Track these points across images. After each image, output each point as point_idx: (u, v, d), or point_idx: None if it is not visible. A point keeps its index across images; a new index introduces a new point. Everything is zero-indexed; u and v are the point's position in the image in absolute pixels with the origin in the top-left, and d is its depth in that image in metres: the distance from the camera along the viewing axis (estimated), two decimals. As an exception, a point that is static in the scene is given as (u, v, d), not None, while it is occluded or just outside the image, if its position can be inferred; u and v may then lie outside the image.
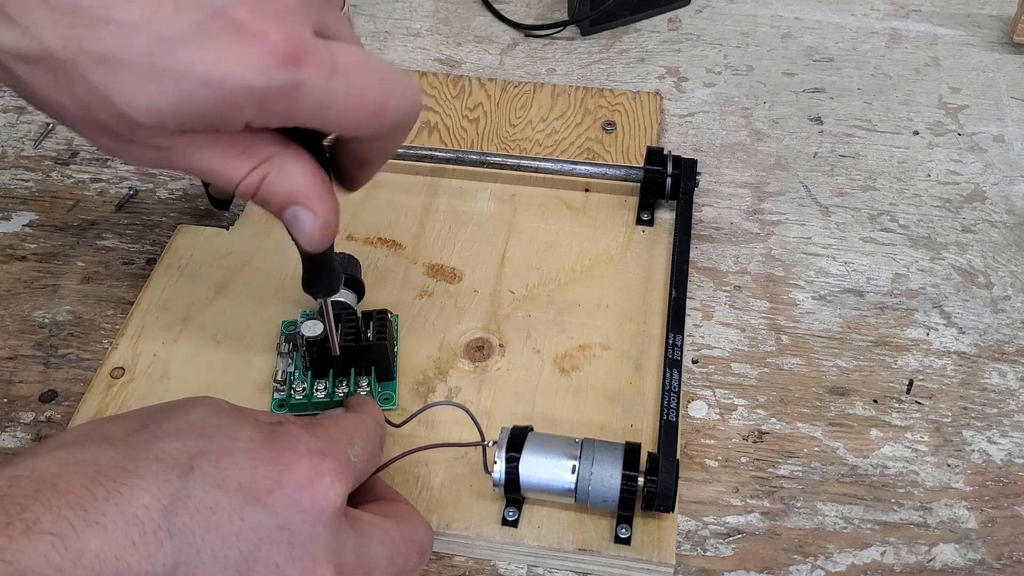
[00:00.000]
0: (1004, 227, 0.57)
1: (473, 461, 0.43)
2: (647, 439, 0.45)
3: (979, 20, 0.72)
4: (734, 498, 0.44)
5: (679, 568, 0.42)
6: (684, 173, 0.54)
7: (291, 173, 0.33)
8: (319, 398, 0.44)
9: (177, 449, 0.32)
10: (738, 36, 0.71)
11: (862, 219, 0.57)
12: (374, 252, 0.54)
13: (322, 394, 0.44)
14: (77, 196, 0.59)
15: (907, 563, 0.42)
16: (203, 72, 0.28)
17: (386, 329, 0.45)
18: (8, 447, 0.46)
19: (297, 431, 0.35)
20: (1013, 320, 0.52)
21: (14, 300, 0.53)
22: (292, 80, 0.30)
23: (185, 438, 0.32)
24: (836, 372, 0.49)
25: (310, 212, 0.34)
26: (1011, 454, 0.46)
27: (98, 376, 0.48)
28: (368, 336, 0.45)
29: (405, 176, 0.58)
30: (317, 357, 0.44)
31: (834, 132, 0.63)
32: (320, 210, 0.34)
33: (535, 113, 0.63)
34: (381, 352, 0.45)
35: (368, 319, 0.45)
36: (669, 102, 0.65)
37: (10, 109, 0.65)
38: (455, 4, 0.75)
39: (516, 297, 0.52)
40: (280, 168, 0.33)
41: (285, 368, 0.46)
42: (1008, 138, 0.63)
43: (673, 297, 0.49)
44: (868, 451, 0.46)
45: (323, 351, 0.44)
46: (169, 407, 0.35)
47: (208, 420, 0.34)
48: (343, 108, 0.32)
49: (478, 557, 0.43)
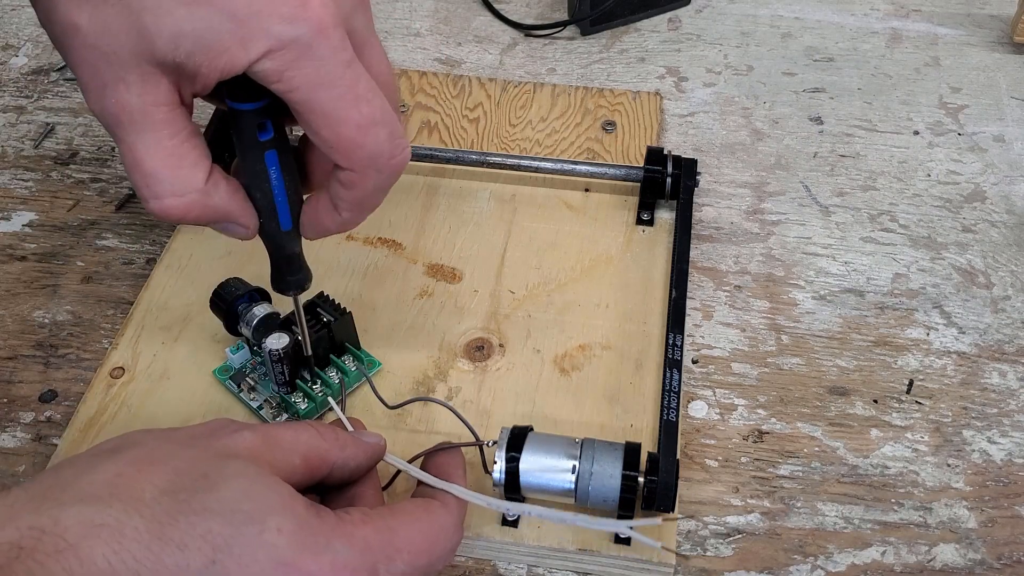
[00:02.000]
0: (1004, 227, 0.57)
1: (473, 461, 0.43)
2: (647, 439, 0.45)
3: (979, 20, 0.72)
4: (734, 498, 0.44)
5: (679, 568, 0.42)
6: (684, 173, 0.54)
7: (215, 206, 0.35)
8: (304, 408, 0.45)
9: (203, 536, 0.31)
10: (738, 36, 0.71)
11: (862, 219, 0.57)
12: (374, 252, 0.54)
13: (304, 404, 0.45)
14: (77, 196, 0.59)
15: (907, 563, 0.42)
16: (234, 8, 0.31)
17: (336, 303, 0.46)
18: (8, 447, 0.46)
19: (332, 529, 0.33)
20: (1013, 320, 0.52)
21: (14, 300, 0.53)
22: (311, 47, 0.32)
23: (213, 521, 0.31)
24: (836, 372, 0.49)
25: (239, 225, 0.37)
26: (1011, 454, 0.46)
27: (98, 376, 0.48)
28: (329, 318, 0.45)
29: (405, 176, 0.58)
30: (292, 365, 0.44)
31: (834, 132, 0.63)
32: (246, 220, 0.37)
33: (535, 113, 0.63)
34: (348, 324, 0.46)
35: (314, 306, 0.46)
36: (669, 102, 0.65)
37: (10, 109, 0.65)
38: (455, 4, 0.75)
39: (516, 297, 0.52)
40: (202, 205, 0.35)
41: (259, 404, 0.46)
42: (1008, 138, 0.63)
43: (673, 297, 0.49)
44: (868, 451, 0.46)
45: (296, 357, 0.44)
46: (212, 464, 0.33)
47: (241, 502, 0.32)
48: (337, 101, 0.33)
49: (478, 557, 0.43)
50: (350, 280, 0.52)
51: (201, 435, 0.35)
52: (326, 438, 0.37)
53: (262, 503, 0.32)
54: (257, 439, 0.35)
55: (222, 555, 0.31)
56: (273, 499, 0.33)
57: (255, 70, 0.32)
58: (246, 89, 0.34)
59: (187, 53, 0.31)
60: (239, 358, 0.47)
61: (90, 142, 0.62)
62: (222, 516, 0.31)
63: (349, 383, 0.46)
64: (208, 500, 0.32)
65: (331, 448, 0.37)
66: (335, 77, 0.33)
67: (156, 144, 0.33)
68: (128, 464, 0.33)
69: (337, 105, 0.33)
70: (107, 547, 0.29)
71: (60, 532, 0.29)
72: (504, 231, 0.55)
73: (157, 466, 0.33)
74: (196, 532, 0.31)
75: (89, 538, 0.29)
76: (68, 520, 0.30)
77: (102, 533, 0.30)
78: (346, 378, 0.45)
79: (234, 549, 0.31)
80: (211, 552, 0.30)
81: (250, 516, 0.32)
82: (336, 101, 0.33)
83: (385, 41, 0.71)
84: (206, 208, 0.35)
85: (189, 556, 0.30)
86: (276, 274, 0.40)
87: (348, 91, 0.33)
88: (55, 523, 0.29)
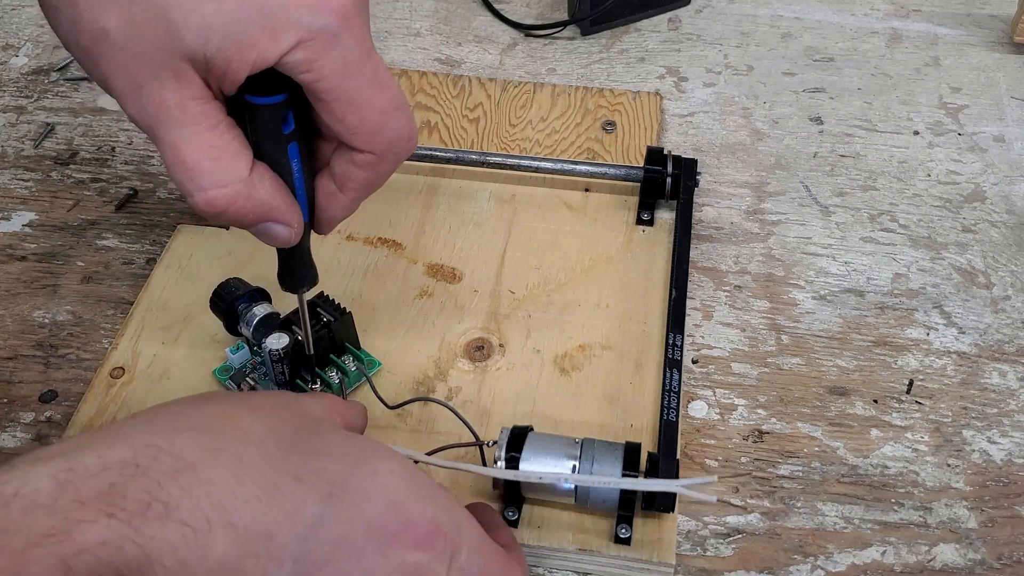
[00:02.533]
0: (1004, 227, 0.57)
1: (473, 461, 0.43)
2: (647, 439, 0.45)
3: (979, 20, 0.72)
4: (734, 498, 0.44)
5: (679, 568, 0.42)
6: (684, 173, 0.54)
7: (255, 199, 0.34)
8: None
9: (317, 472, 0.31)
10: (738, 36, 0.71)
11: (862, 219, 0.57)
12: (374, 252, 0.54)
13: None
14: (77, 196, 0.59)
15: (907, 563, 0.42)
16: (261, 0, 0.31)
17: (337, 304, 0.46)
18: (8, 447, 0.46)
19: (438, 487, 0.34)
20: (1013, 320, 0.52)
21: (14, 300, 0.53)
22: (337, 34, 0.32)
23: (326, 460, 0.31)
24: (836, 372, 0.49)
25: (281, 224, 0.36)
26: (1011, 454, 0.46)
27: (98, 376, 0.48)
28: (329, 318, 0.46)
29: (405, 176, 0.58)
30: (292, 365, 0.44)
31: (834, 132, 0.63)
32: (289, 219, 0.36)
33: (535, 113, 0.63)
34: (349, 323, 0.46)
35: (315, 306, 0.46)
36: (669, 102, 0.65)
37: (10, 109, 0.65)
38: (455, 4, 0.75)
39: (516, 297, 0.52)
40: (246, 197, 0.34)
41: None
42: (1008, 138, 0.63)
43: (673, 297, 0.49)
44: (868, 451, 0.46)
45: (296, 356, 0.44)
46: (305, 419, 0.34)
47: (350, 447, 0.33)
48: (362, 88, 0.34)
49: (478, 557, 0.43)
50: (350, 280, 0.52)
51: (275, 395, 0.36)
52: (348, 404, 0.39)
53: (370, 449, 0.33)
54: (321, 402, 0.36)
55: (337, 490, 0.30)
56: (380, 447, 0.34)
57: (285, 61, 0.32)
58: (265, 83, 0.34)
59: (217, 48, 0.31)
60: (239, 358, 0.47)
61: (90, 142, 0.62)
62: (333, 457, 0.32)
63: (349, 383, 0.46)
64: (316, 443, 0.32)
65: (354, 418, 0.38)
66: (361, 64, 0.33)
67: (196, 137, 0.33)
68: (232, 406, 0.33)
69: (363, 92, 0.34)
70: (226, 470, 0.29)
71: (177, 451, 0.28)
72: (504, 231, 0.55)
73: (258, 411, 0.33)
74: (311, 467, 0.31)
75: (207, 460, 0.29)
76: (183, 442, 0.29)
77: (220, 457, 0.29)
78: (346, 378, 0.45)
79: (349, 485, 0.31)
80: (327, 487, 0.30)
81: (362, 458, 0.32)
82: (362, 88, 0.34)
83: (385, 41, 0.71)
84: (251, 199, 0.34)
85: (306, 488, 0.30)
86: (287, 271, 0.40)
87: (372, 78, 0.34)
88: (170, 443, 0.29)
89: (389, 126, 0.35)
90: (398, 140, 0.36)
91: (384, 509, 0.31)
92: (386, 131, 0.35)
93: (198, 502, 0.27)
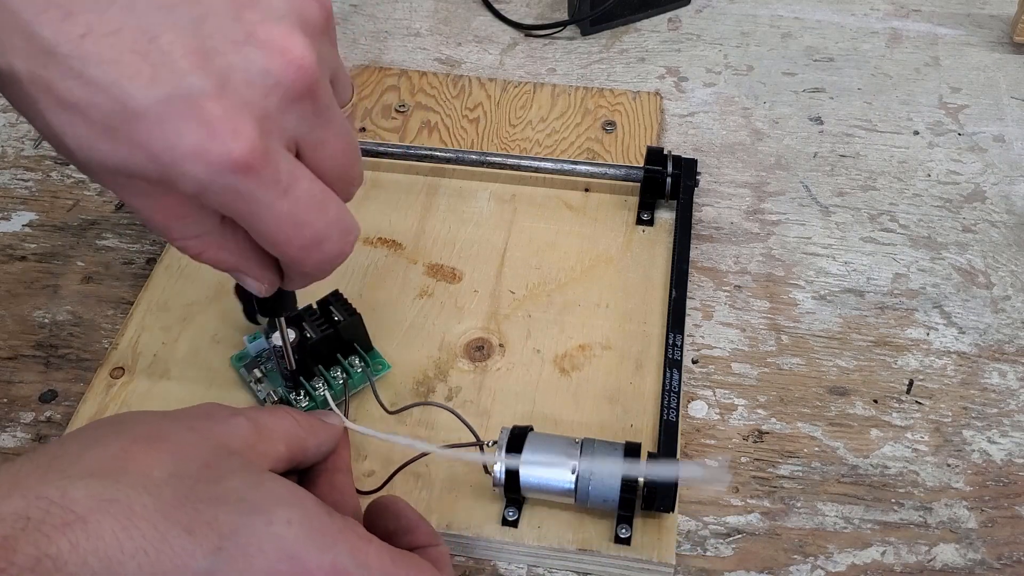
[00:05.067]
0: (1004, 227, 0.57)
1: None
2: (647, 439, 0.45)
3: (979, 20, 0.72)
4: (734, 498, 0.44)
5: (679, 568, 0.42)
6: (684, 173, 0.54)
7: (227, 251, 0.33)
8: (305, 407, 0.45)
9: (209, 523, 0.30)
10: (738, 36, 0.71)
11: (862, 219, 0.57)
12: (374, 252, 0.54)
13: (306, 403, 0.45)
14: (77, 196, 0.59)
15: (907, 563, 0.42)
16: (155, 151, 0.28)
17: (348, 303, 0.46)
18: (8, 447, 0.46)
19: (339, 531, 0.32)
20: (1013, 320, 0.52)
21: (14, 300, 0.53)
22: (237, 187, 0.29)
23: (220, 509, 0.31)
24: (836, 372, 0.49)
25: (251, 278, 0.35)
26: (1011, 454, 0.46)
27: (98, 376, 0.48)
28: (339, 317, 0.45)
29: (405, 176, 0.58)
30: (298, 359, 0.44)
31: (834, 132, 0.63)
32: (259, 276, 0.35)
33: (535, 113, 0.63)
34: (357, 325, 0.46)
35: (327, 304, 0.46)
36: (669, 102, 0.65)
37: (10, 109, 0.65)
38: (455, 4, 0.75)
39: (516, 297, 0.52)
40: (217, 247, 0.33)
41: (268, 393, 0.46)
42: (1008, 138, 0.63)
43: (673, 297, 0.49)
44: (868, 451, 0.46)
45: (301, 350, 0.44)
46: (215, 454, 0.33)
47: (248, 492, 0.32)
48: (277, 230, 0.31)
49: (478, 557, 0.43)
50: (350, 280, 0.52)
51: (198, 417, 0.35)
52: (302, 425, 0.38)
53: (270, 494, 0.32)
54: (250, 427, 0.35)
55: (228, 543, 0.30)
56: (281, 491, 0.33)
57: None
58: None
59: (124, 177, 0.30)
60: (255, 347, 0.47)
61: (90, 142, 0.62)
62: (229, 505, 0.31)
63: (353, 385, 0.46)
64: (215, 489, 0.31)
65: (307, 435, 0.38)
66: (271, 209, 0.31)
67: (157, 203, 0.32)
68: (133, 442, 0.32)
69: (278, 231, 0.32)
70: (116, 522, 0.29)
71: (68, 504, 0.28)
72: (504, 231, 0.55)
73: (162, 446, 0.32)
74: (203, 519, 0.30)
75: (98, 512, 0.29)
76: (76, 492, 0.29)
77: (111, 508, 0.29)
78: (351, 380, 0.45)
79: (240, 538, 0.30)
80: (217, 540, 0.30)
81: (258, 506, 0.31)
82: (276, 229, 0.32)
83: (385, 41, 0.71)
84: (222, 249, 0.33)
85: (196, 541, 0.30)
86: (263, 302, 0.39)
87: (287, 219, 0.31)
88: (63, 494, 0.29)
89: (313, 257, 0.33)
90: (327, 261, 0.34)
91: (278, 561, 0.31)
92: (311, 260, 0.33)
93: (85, 557, 0.28)
